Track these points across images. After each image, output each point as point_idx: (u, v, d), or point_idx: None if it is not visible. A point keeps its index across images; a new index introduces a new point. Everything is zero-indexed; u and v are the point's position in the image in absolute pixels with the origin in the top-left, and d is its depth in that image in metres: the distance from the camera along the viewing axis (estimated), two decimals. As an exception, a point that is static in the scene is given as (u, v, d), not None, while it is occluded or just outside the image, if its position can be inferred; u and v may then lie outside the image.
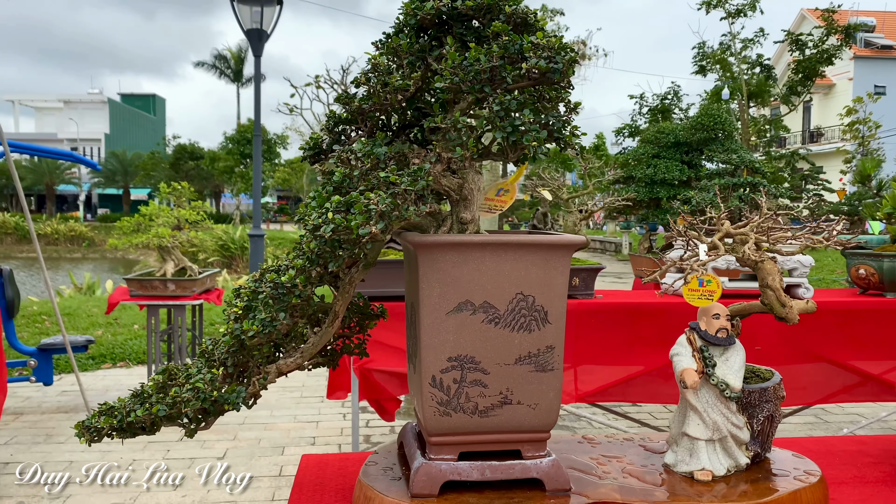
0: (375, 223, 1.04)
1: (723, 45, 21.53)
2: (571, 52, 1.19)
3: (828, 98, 38.59)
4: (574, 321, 4.27)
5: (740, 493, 1.33)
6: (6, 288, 5.78)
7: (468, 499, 1.27)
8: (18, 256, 32.58)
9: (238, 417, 5.97)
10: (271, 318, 1.14)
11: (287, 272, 1.16)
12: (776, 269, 1.39)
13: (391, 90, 1.21)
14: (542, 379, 1.31)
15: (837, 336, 4.45)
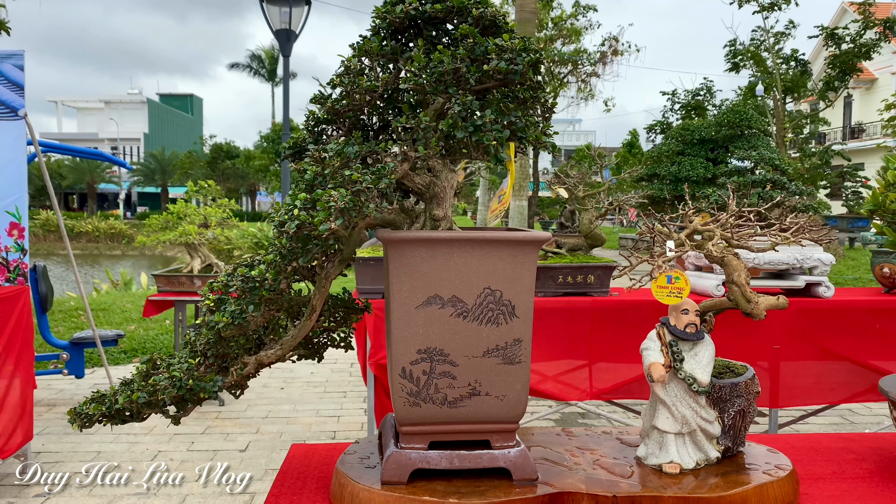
0: (336, 219, 1.09)
1: (755, 40, 21.20)
2: (533, 55, 1.23)
3: (870, 93, 37.77)
4: (589, 318, 4.28)
5: (707, 485, 1.35)
6: (39, 283, 5.95)
7: (437, 486, 1.31)
8: (60, 253, 33.30)
9: (262, 411, 6.09)
10: (241, 311, 1.19)
11: (257, 266, 1.21)
12: (742, 266, 1.40)
13: (360, 91, 1.26)
14: (510, 371, 1.34)
15: (861, 335, 4.40)
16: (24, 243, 4.65)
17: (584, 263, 4.40)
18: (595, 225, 4.53)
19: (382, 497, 1.28)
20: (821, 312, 4.45)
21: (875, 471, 1.60)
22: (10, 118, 4.64)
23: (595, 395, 4.46)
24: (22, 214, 4.66)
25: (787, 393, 4.53)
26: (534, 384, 4.37)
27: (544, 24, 23.13)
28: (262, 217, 41.73)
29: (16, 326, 4.33)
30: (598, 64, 23.92)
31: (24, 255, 4.65)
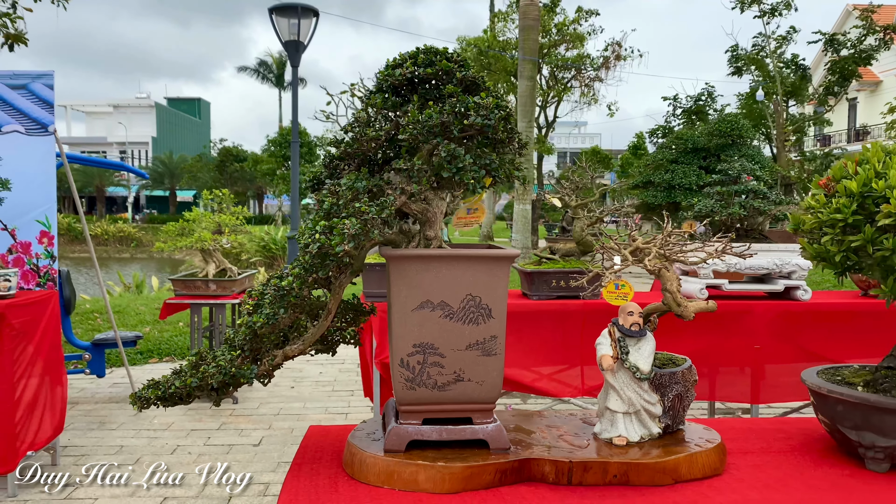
0: (348, 243, 1.42)
1: (756, 45, 21.51)
2: (503, 111, 1.55)
3: (874, 95, 37.96)
4: (580, 320, 4.58)
5: (647, 454, 1.67)
6: (63, 287, 6.29)
7: (428, 454, 1.64)
8: (71, 256, 33.76)
9: (274, 409, 6.42)
10: (273, 313, 1.52)
11: (286, 278, 1.54)
12: (674, 276, 1.72)
13: (367, 139, 1.59)
14: (488, 362, 1.67)
15: (838, 337, 4.68)
16: (53, 250, 4.99)
17: (576, 269, 4.69)
18: (587, 232, 4.84)
19: (384, 462, 1.61)
20: (799, 315, 4.72)
21: (797, 446, 1.92)
22: (40, 134, 4.98)
23: (586, 392, 4.74)
24: (51, 223, 5.00)
25: (769, 390, 4.83)
26: (530, 382, 4.69)
27: (548, 30, 23.46)
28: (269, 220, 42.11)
29: (46, 328, 4.67)
30: (602, 69, 24.24)
31: (53, 261, 4.99)
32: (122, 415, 6.22)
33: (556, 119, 25.75)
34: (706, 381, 5.05)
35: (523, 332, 4.53)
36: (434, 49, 1.67)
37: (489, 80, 22.80)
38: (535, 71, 17.87)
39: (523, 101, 17.25)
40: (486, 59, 23.08)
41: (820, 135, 35.16)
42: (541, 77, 24.80)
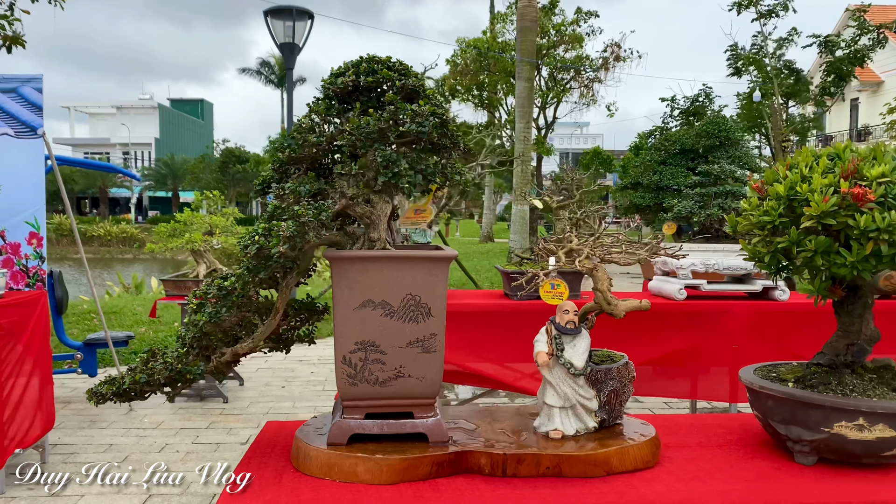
0: (283, 245, 1.49)
1: (755, 45, 21.54)
2: (438, 118, 1.62)
3: (876, 95, 37.91)
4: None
5: (580, 447, 1.74)
6: (55, 288, 6.38)
7: (369, 447, 1.71)
8: (73, 257, 33.88)
9: (264, 408, 6.49)
10: (216, 312, 1.59)
11: (230, 279, 1.61)
12: (605, 276, 1.79)
13: (309, 144, 1.66)
14: (428, 358, 1.74)
15: (816, 336, 4.72)
16: (42, 251, 5.07)
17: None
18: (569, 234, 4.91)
19: (326, 454, 1.68)
20: (777, 314, 4.77)
21: (735, 441, 1.99)
22: (29, 137, 5.06)
23: (565, 391, 4.78)
24: (40, 225, 5.08)
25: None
26: (511, 381, 4.76)
27: (546, 31, 23.52)
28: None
29: (35, 328, 4.75)
30: (601, 70, 24.29)
31: (42, 262, 5.07)
32: (112, 414, 6.29)
33: (556, 120, 25.80)
34: (687, 381, 5.11)
35: (504, 331, 4.60)
36: (376, 58, 1.74)
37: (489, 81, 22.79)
38: (532, 72, 17.93)
39: (521, 102, 17.30)
40: (485, 60, 23.16)
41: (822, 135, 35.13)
42: (540, 78, 24.86)
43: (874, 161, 1.73)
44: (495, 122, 24.51)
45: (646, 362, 4.86)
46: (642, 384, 5.07)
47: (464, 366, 4.62)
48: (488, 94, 24.86)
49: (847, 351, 1.87)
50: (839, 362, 1.87)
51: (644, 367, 4.93)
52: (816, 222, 1.67)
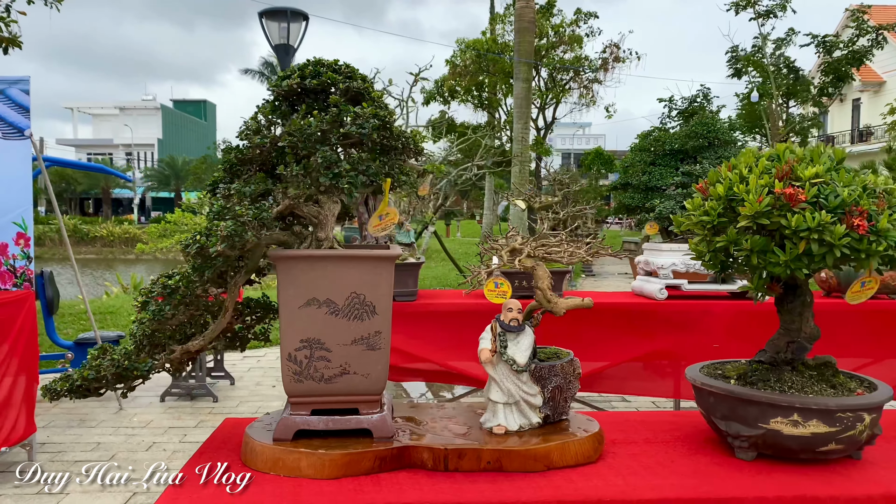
0: (221, 244, 1.52)
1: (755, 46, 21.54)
2: (379, 120, 1.66)
3: (878, 96, 37.84)
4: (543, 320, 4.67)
5: (523, 442, 1.78)
6: (46, 288, 6.43)
7: (314, 442, 1.75)
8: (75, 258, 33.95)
9: (252, 407, 6.54)
10: (160, 310, 1.63)
11: (174, 277, 1.64)
12: (545, 274, 1.82)
13: (254, 146, 1.69)
14: (372, 356, 1.77)
15: (796, 335, 4.76)
16: (29, 251, 5.12)
17: (538, 269, 4.76)
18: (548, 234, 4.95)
19: (271, 450, 1.72)
20: (757, 314, 4.80)
21: (681, 437, 2.02)
22: (16, 138, 5.11)
23: (547, 389, 4.82)
24: (28, 225, 5.12)
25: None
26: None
27: (544, 32, 23.53)
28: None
29: (21, 327, 4.79)
30: (600, 71, 24.30)
31: (29, 262, 5.12)
32: (102, 413, 6.34)
33: (556, 121, 25.81)
34: (670, 380, 5.13)
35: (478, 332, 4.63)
36: (322, 61, 1.78)
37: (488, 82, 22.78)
38: (530, 73, 17.94)
39: (519, 103, 17.31)
40: (484, 61, 23.18)
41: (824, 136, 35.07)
42: (539, 79, 24.86)
43: (810, 162, 1.76)
44: (495, 124, 24.52)
45: (627, 361, 4.89)
46: (625, 383, 5.10)
47: (447, 365, 4.66)
48: (488, 95, 24.88)
49: (787, 348, 1.90)
50: (780, 359, 1.90)
51: (626, 367, 4.96)
52: (751, 222, 1.70)
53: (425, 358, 4.56)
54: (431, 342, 4.50)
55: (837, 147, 7.01)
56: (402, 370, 4.75)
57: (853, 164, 24.36)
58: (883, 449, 1.92)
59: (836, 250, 1.63)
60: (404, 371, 4.78)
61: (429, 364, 4.61)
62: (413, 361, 4.66)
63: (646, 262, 5.16)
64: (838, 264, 1.73)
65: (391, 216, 2.01)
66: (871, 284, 1.99)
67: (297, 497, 1.59)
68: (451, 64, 24.09)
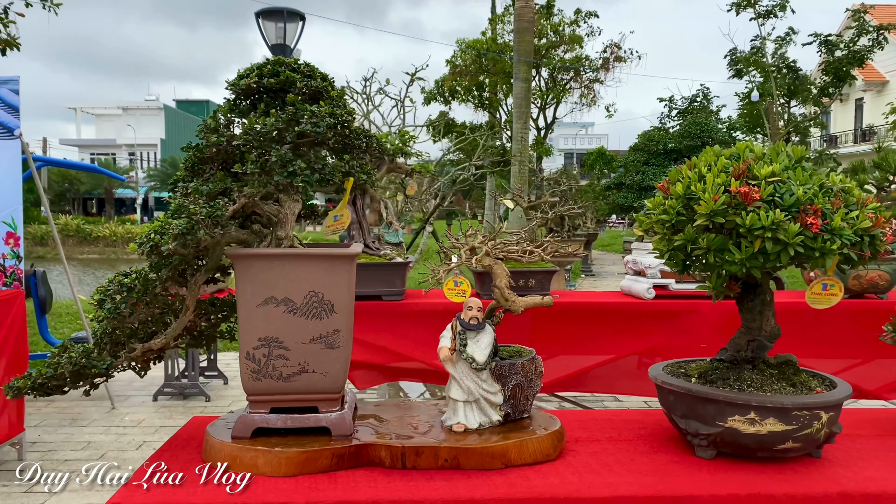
0: (173, 242, 1.53)
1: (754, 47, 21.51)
2: (332, 119, 1.66)
3: (881, 95, 37.73)
4: (528, 319, 4.68)
5: (484, 440, 1.78)
6: (39, 288, 6.45)
7: (272, 440, 1.75)
8: (78, 258, 34.08)
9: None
10: (115, 308, 1.64)
11: (131, 275, 1.65)
12: (503, 273, 1.83)
13: (211, 144, 1.70)
14: (331, 354, 1.78)
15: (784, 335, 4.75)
16: (19, 251, 5.13)
17: (526, 269, 4.78)
18: (536, 233, 4.95)
19: (230, 447, 1.73)
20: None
21: (645, 436, 2.02)
22: (6, 138, 5.12)
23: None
24: (17, 224, 5.14)
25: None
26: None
27: (545, 32, 23.52)
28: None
29: (11, 326, 4.80)
30: (601, 70, 24.28)
31: (19, 261, 5.13)
32: (95, 412, 6.36)
33: (556, 120, 25.80)
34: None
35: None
36: (281, 61, 1.79)
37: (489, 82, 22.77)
38: (529, 73, 17.94)
39: (518, 103, 17.31)
40: (485, 61, 23.18)
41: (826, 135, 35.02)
42: (539, 79, 24.86)
43: (769, 161, 1.76)
44: (495, 123, 24.53)
45: (616, 361, 4.89)
46: (615, 382, 5.10)
47: (433, 364, 4.66)
48: (489, 94, 24.88)
49: (748, 347, 1.90)
50: (740, 358, 1.90)
51: (614, 366, 4.95)
52: (708, 220, 1.70)
53: (412, 357, 4.57)
54: (418, 341, 4.50)
55: (838, 147, 6.92)
56: (391, 369, 4.76)
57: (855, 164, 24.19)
58: (845, 447, 1.92)
59: (790, 248, 1.63)
60: (393, 371, 4.79)
61: (416, 363, 4.61)
62: (401, 360, 4.66)
63: (634, 262, 5.16)
64: (795, 263, 1.73)
65: (345, 219, 2.02)
66: (834, 290, 1.99)
67: (253, 494, 1.60)
68: (451, 64, 24.10)
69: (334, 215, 2.00)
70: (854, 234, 1.67)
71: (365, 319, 4.42)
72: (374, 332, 4.44)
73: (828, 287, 2.02)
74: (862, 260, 1.72)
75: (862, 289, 4.88)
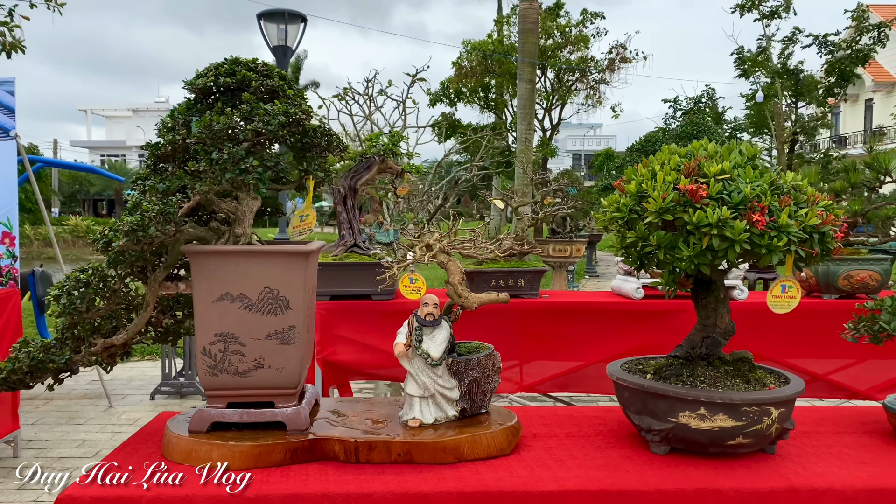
0: (123, 238, 1.56)
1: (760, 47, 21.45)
2: (284, 117, 1.69)
3: (891, 95, 37.50)
4: (519, 318, 4.68)
5: (435, 435, 1.80)
6: (38, 287, 6.51)
7: (228, 434, 1.78)
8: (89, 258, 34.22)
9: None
10: (71, 303, 1.67)
11: (87, 271, 1.68)
12: (457, 269, 1.84)
13: (165, 143, 1.73)
14: (287, 350, 1.80)
15: (774, 335, 4.73)
16: (14, 250, 5.18)
17: (515, 268, 4.78)
18: (526, 233, 4.96)
19: (186, 441, 1.75)
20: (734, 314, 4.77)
21: (604, 432, 2.04)
22: (2, 139, 5.18)
23: (525, 388, 4.84)
24: (13, 224, 5.19)
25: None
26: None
27: (551, 33, 23.53)
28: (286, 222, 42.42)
29: (6, 325, 4.85)
30: (606, 71, 24.26)
31: (14, 261, 5.18)
32: (92, 410, 6.41)
33: (562, 121, 25.79)
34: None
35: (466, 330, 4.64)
36: (239, 60, 1.81)
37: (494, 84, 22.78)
38: (534, 74, 17.95)
39: (522, 104, 17.32)
40: (490, 62, 23.21)
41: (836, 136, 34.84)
42: (545, 80, 24.85)
43: (720, 159, 1.78)
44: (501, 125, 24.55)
45: (604, 360, 4.89)
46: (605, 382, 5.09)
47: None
48: (495, 96, 24.89)
49: (702, 343, 1.91)
50: (695, 354, 1.92)
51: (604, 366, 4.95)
52: (657, 217, 1.72)
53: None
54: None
55: (847, 148, 6.85)
56: (382, 369, 4.78)
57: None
58: (800, 444, 1.93)
59: (737, 246, 1.64)
60: (385, 371, 4.80)
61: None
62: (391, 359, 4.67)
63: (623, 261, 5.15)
64: (746, 260, 1.74)
65: (311, 218, 2.04)
66: (792, 291, 2.00)
67: (203, 486, 1.63)
68: (457, 65, 24.13)
69: (300, 215, 2.03)
70: (803, 232, 1.68)
71: (355, 318, 4.44)
72: (364, 332, 4.46)
73: (786, 289, 2.03)
74: (812, 257, 1.73)
75: (853, 289, 4.86)
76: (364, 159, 4.46)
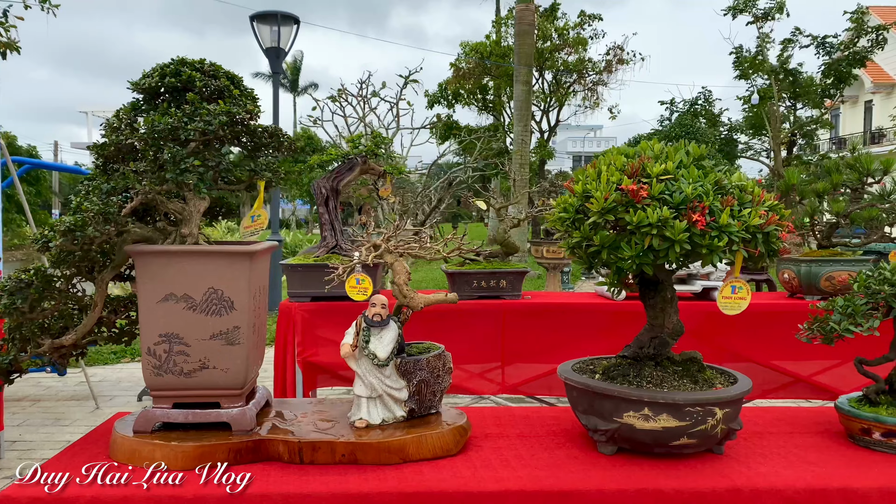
0: (60, 238, 1.56)
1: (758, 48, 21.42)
2: (225, 116, 1.69)
3: (890, 97, 37.43)
4: (500, 319, 4.67)
5: (382, 435, 1.80)
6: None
7: (173, 434, 1.78)
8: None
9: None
10: (12, 303, 1.67)
11: (28, 272, 1.68)
12: (403, 269, 1.84)
13: (110, 143, 1.73)
14: (232, 350, 1.80)
15: (759, 337, 4.71)
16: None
17: (497, 269, 4.77)
18: (508, 234, 4.95)
19: (130, 442, 1.75)
20: (717, 315, 4.76)
21: (557, 432, 2.03)
22: (-16, 141, 5.18)
23: (507, 390, 4.83)
24: (-5, 227, 5.19)
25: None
26: (459, 382, 4.79)
27: (548, 35, 23.52)
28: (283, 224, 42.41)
29: (-12, 327, 4.86)
30: (604, 73, 24.25)
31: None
32: (79, 412, 6.41)
33: (560, 123, 25.77)
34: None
35: (447, 331, 4.63)
36: (185, 60, 1.82)
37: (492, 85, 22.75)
38: (530, 76, 17.95)
39: (518, 106, 17.34)
40: (488, 63, 23.20)
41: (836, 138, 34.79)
42: (543, 81, 24.84)
43: (664, 159, 1.78)
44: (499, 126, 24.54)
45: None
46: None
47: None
48: (493, 97, 24.89)
49: (650, 343, 1.91)
50: (643, 354, 1.91)
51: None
52: (600, 217, 1.71)
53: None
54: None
55: (846, 150, 6.80)
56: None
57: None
58: (750, 444, 1.93)
59: (676, 246, 1.64)
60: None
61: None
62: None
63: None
64: (689, 261, 1.74)
65: (262, 219, 2.04)
66: (742, 292, 2.00)
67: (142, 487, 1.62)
68: (454, 67, 24.13)
69: (251, 215, 2.03)
70: (746, 232, 1.68)
71: (336, 320, 4.44)
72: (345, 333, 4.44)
73: (737, 290, 2.02)
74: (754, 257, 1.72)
75: (835, 290, 4.85)
76: (347, 160, 4.46)
